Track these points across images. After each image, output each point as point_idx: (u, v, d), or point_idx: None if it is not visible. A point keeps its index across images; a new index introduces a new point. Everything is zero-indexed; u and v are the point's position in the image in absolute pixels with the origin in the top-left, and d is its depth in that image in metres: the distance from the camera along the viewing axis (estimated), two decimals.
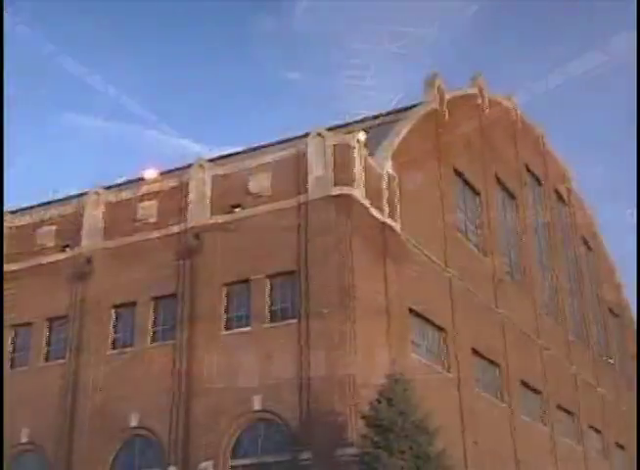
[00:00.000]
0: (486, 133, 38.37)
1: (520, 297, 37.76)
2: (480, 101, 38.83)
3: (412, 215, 28.83)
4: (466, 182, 35.56)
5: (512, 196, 40.74)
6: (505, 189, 40.02)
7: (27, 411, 27.12)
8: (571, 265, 46.61)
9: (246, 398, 24.26)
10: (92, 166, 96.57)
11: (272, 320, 25.22)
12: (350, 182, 25.76)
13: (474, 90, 38.74)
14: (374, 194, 26.88)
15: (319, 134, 26.36)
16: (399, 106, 32.71)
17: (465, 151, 35.62)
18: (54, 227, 29.88)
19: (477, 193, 36.44)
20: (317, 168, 25.92)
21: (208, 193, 27.42)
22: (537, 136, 46.42)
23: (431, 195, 31.34)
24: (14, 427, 27.08)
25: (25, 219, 30.98)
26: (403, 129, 30.05)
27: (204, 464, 23.81)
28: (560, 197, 47.84)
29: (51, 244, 29.69)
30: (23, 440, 27.14)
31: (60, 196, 35.38)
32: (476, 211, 36.18)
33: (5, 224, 30.79)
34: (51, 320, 28.81)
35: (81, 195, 30.84)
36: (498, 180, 39.05)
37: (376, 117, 32.36)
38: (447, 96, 34.62)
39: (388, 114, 32.25)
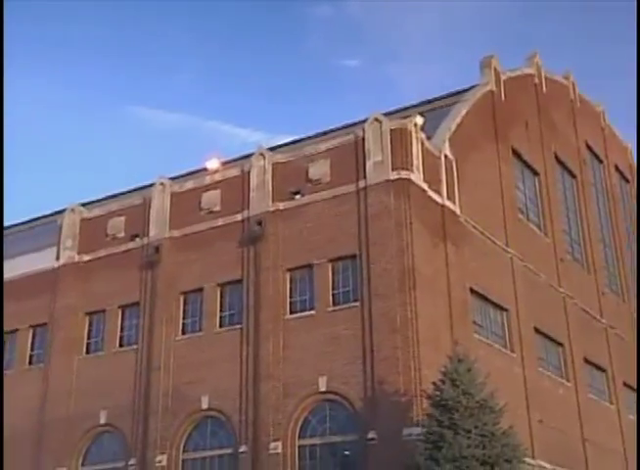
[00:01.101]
0: (544, 112, 37.59)
1: (582, 275, 37.02)
2: (536, 80, 38.01)
3: (471, 197, 28.53)
4: (525, 162, 34.97)
5: (572, 174, 39.88)
6: (565, 168, 39.21)
7: (105, 394, 27.87)
8: (633, 244, 45.39)
9: (311, 379, 24.46)
10: (157, 158, 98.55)
11: (335, 304, 25.31)
12: (408, 166, 25.58)
13: (530, 70, 37.93)
14: (432, 177, 26.65)
15: (376, 119, 26.23)
16: (456, 88, 32.26)
17: (523, 131, 34.98)
18: (123, 218, 30.48)
19: (536, 173, 35.78)
20: (375, 153, 25.83)
21: (269, 181, 27.58)
22: (597, 113, 45.24)
23: (489, 176, 30.93)
24: (93, 409, 27.95)
25: (96, 211, 31.68)
26: (460, 112, 29.68)
27: (273, 444, 24.14)
28: (621, 174, 46.60)
29: (121, 234, 30.31)
30: (102, 421, 27.91)
31: (128, 188, 36.13)
32: (535, 190, 35.56)
33: (77, 216, 31.57)
34: (123, 307, 29.45)
35: (148, 186, 31.37)
36: (558, 159, 38.27)
37: (433, 101, 32.03)
38: (503, 77, 34.01)
39: (446, 97, 31.88)
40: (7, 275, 32.85)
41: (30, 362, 31.22)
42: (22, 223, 39.35)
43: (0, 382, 31.07)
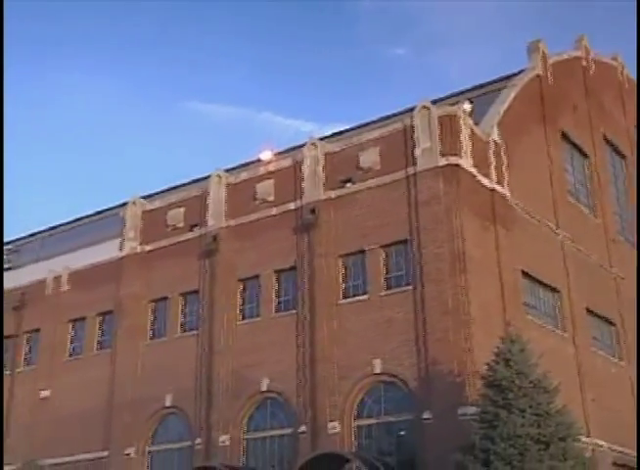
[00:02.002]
0: (593, 95, 36.78)
1: (633, 256, 36.23)
2: (584, 63, 37.20)
3: (521, 181, 28.21)
4: (574, 145, 34.33)
5: (621, 155, 39.01)
6: (614, 149, 38.37)
7: (169, 378, 28.47)
8: None
9: (366, 361, 24.60)
10: (213, 151, 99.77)
11: (387, 288, 25.37)
12: (457, 152, 25.42)
13: (578, 52, 37.13)
14: (481, 162, 26.42)
15: (425, 107, 26.08)
16: (504, 74, 31.79)
17: (571, 114, 34.33)
18: (182, 209, 30.98)
19: (585, 155, 35.11)
20: (424, 141, 25.71)
21: (321, 170, 27.70)
22: None
23: (538, 159, 30.49)
24: (158, 392, 28.58)
25: (157, 203, 32.26)
26: (508, 97, 29.26)
27: (330, 424, 24.38)
28: None
29: (180, 225, 30.81)
30: (167, 403, 28.51)
31: (186, 180, 36.66)
32: (585, 172, 34.91)
33: (139, 209, 32.20)
34: (184, 295, 29.98)
35: (205, 178, 31.79)
36: (607, 141, 37.46)
37: (481, 87, 31.62)
38: (551, 60, 33.36)
39: (493, 82, 31.43)
40: (76, 266, 33.82)
41: (98, 348, 32.06)
42: (88, 216, 40.28)
43: (0, 381, 31.88)
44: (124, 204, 33.18)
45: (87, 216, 40.27)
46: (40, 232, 41.35)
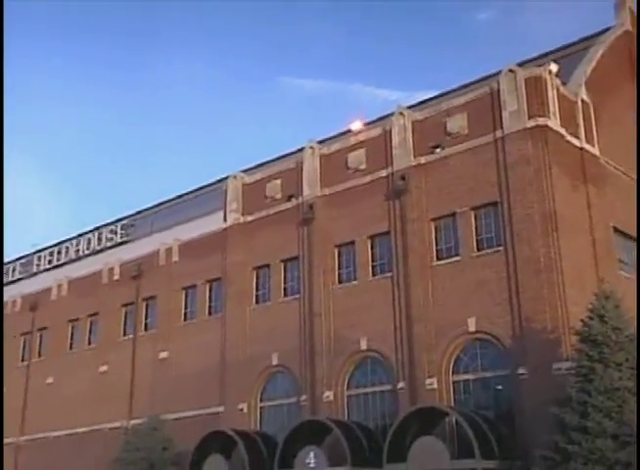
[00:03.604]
0: None
1: None
2: None
3: (610, 138, 27.07)
4: None
5: None
6: None
7: (274, 339, 29.17)
8: None
9: (460, 320, 24.43)
10: (306, 123, 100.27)
11: (479, 249, 25.02)
12: (545, 113, 24.60)
13: None
14: (569, 122, 25.47)
15: (511, 70, 25.29)
16: (591, 32, 30.32)
17: None
18: (279, 181, 31.36)
19: None
20: (511, 103, 24.99)
21: (410, 137, 27.39)
22: None
23: (628, 116, 29.05)
24: (265, 352, 29.35)
25: (255, 176, 32.77)
26: (596, 55, 28.00)
27: (428, 380, 24.42)
28: None
29: (278, 195, 31.23)
30: (274, 362, 29.26)
31: (282, 153, 36.98)
32: None
33: (239, 182, 32.80)
34: (285, 261, 30.46)
35: (299, 150, 32.00)
36: None
37: (567, 47, 30.30)
38: None
39: (580, 41, 30.05)
40: (184, 237, 34.95)
41: (209, 313, 33.13)
42: (193, 191, 41.38)
43: (0, 380, 32.80)
44: (226, 178, 33.87)
45: (193, 191, 41.37)
46: (152, 207, 42.84)
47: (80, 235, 44.75)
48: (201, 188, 40.39)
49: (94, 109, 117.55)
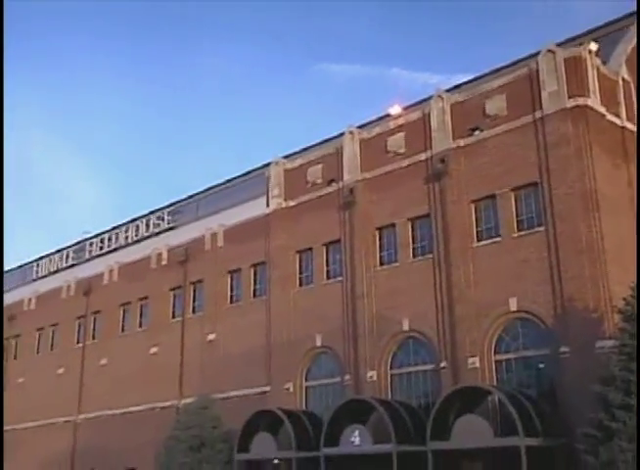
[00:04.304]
0: None
1: None
2: None
3: None
4: None
5: None
6: None
7: (318, 320, 29.32)
8: None
9: (502, 300, 24.22)
10: (346, 108, 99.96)
11: (519, 230, 24.71)
12: (585, 93, 24.08)
13: None
14: (610, 101, 24.90)
15: (550, 50, 24.77)
16: (631, 10, 29.37)
17: None
18: (320, 166, 31.34)
19: None
20: (550, 84, 24.51)
21: (449, 120, 27.09)
22: None
23: None
24: (310, 333, 29.55)
25: (297, 162, 32.80)
26: (636, 33, 27.14)
27: (470, 359, 24.30)
28: None
29: (319, 180, 31.23)
30: (318, 343, 29.43)
31: (322, 138, 36.90)
32: None
33: (281, 168, 32.88)
34: (327, 245, 30.50)
35: (339, 135, 31.91)
36: None
37: (607, 25, 29.45)
38: None
39: (620, 19, 29.16)
40: (229, 223, 35.26)
41: (254, 296, 33.42)
42: (237, 177, 41.62)
43: (0, 379, 32.96)
44: (268, 164, 33.99)
45: (237, 177, 41.63)
46: (197, 194, 43.28)
47: (129, 222, 45.52)
48: (244, 174, 40.60)
49: (142, 99, 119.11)
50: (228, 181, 41.62)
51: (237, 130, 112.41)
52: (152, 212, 44.17)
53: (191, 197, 43.33)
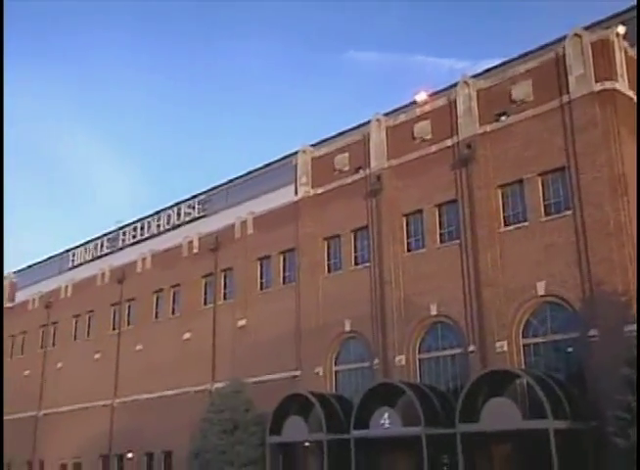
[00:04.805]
0: None
1: None
2: None
3: None
4: None
5: None
6: None
7: (347, 306, 29.38)
8: None
9: (530, 284, 24.07)
10: (372, 96, 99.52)
11: (547, 214, 24.49)
12: (613, 76, 23.68)
13: None
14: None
15: (577, 34, 24.37)
16: None
17: None
18: (347, 154, 31.29)
19: None
20: (577, 68, 24.14)
21: (475, 106, 26.85)
22: None
23: None
24: (338, 319, 29.63)
25: (324, 150, 32.77)
26: None
27: (498, 343, 24.20)
28: None
29: (346, 168, 31.19)
30: (347, 328, 29.52)
31: (349, 126, 36.80)
32: None
33: (309, 156, 32.88)
34: (355, 231, 30.52)
35: (366, 123, 31.80)
36: None
37: (635, 7, 28.83)
38: None
39: None
40: (258, 211, 35.43)
41: (284, 282, 33.60)
42: (265, 166, 41.73)
43: (0, 379, 33.05)
44: (296, 152, 34.02)
45: (265, 166, 41.76)
46: (226, 183, 43.51)
47: (161, 211, 45.98)
48: (273, 163, 40.70)
49: (173, 93, 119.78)
50: (257, 170, 41.74)
51: (266, 119, 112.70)
52: (183, 201, 44.56)
53: (221, 186, 43.58)
